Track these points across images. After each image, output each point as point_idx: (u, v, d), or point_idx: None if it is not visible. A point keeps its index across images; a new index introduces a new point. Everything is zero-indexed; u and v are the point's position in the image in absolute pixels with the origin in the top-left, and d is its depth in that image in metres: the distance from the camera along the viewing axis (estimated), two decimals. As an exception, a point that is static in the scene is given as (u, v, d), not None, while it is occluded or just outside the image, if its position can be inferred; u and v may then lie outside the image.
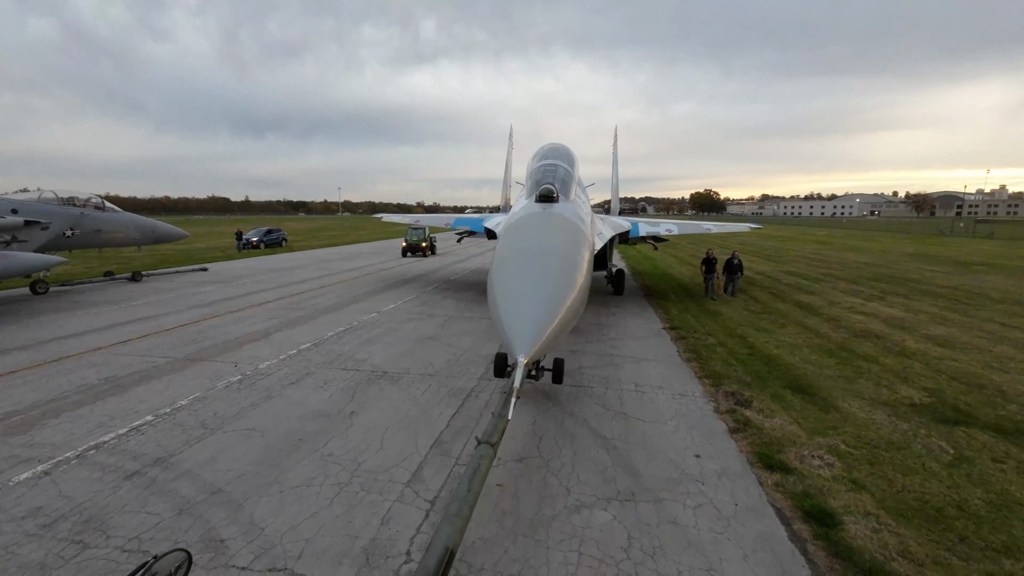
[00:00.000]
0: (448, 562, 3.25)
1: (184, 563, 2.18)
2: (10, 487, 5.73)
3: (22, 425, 7.36)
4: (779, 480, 5.96)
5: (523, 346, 5.00)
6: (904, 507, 5.46)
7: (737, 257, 18.70)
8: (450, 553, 3.30)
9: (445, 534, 3.44)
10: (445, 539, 3.37)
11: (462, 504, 3.77)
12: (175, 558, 2.15)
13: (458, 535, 3.50)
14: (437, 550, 3.28)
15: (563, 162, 10.29)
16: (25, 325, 13.72)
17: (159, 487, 5.75)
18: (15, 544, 4.77)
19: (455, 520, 3.58)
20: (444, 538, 3.38)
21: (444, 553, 3.25)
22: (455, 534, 3.47)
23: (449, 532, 3.45)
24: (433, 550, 3.29)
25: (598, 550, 4.73)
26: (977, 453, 6.69)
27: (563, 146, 11.30)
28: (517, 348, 5.00)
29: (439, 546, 3.32)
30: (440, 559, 3.20)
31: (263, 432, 7.17)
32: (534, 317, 5.29)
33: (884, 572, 4.44)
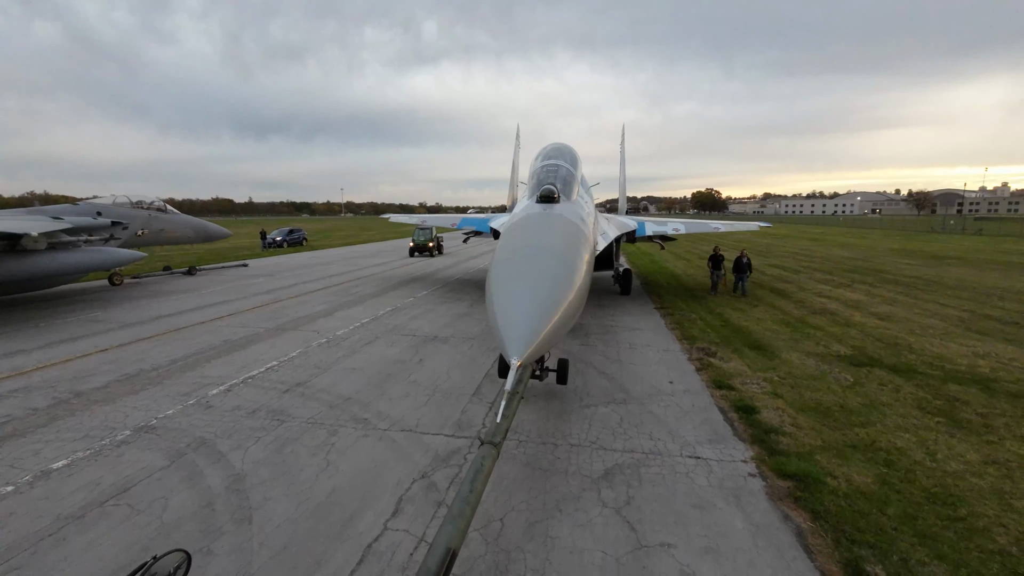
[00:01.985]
0: (450, 562, 3.19)
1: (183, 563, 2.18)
2: (210, 396, 8.61)
3: (187, 367, 10.26)
4: (724, 393, 8.77)
5: (517, 348, 4.95)
6: (804, 406, 8.27)
7: (746, 256, 18.80)
8: (452, 553, 3.24)
9: (447, 534, 3.35)
10: (447, 539, 3.30)
11: (464, 504, 3.66)
12: (175, 558, 2.16)
13: (460, 535, 3.41)
14: (439, 550, 3.22)
15: (565, 162, 10.12)
16: (130, 308, 16.66)
17: (308, 396, 8.63)
18: (235, 421, 7.63)
19: (457, 520, 3.49)
20: (446, 538, 3.31)
21: (446, 553, 3.21)
22: (457, 534, 3.38)
23: (451, 532, 3.37)
24: (435, 550, 3.23)
25: (601, 424, 7.56)
26: (869, 381, 9.48)
27: (566, 146, 11.08)
28: (511, 350, 4.95)
29: (440, 546, 3.25)
30: (442, 559, 3.16)
31: (362, 370, 10.05)
32: (529, 318, 5.22)
33: (778, 431, 7.25)
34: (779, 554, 4.74)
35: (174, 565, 2.14)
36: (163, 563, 2.10)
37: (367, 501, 5.56)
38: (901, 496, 5.66)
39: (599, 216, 14.08)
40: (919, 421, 7.68)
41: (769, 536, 5.00)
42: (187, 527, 5.08)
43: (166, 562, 2.12)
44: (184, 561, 2.19)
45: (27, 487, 5.80)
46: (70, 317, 15.09)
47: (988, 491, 5.77)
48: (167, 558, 2.14)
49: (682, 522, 5.21)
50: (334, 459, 6.48)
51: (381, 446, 6.86)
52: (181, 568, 2.16)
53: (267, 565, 4.55)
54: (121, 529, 5.04)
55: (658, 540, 4.93)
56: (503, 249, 6.96)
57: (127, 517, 5.24)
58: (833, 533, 5.00)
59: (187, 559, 2.20)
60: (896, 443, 6.95)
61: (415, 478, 6.03)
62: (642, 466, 6.34)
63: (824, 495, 5.63)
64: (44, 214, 18.66)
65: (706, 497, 5.67)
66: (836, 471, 6.16)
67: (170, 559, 2.14)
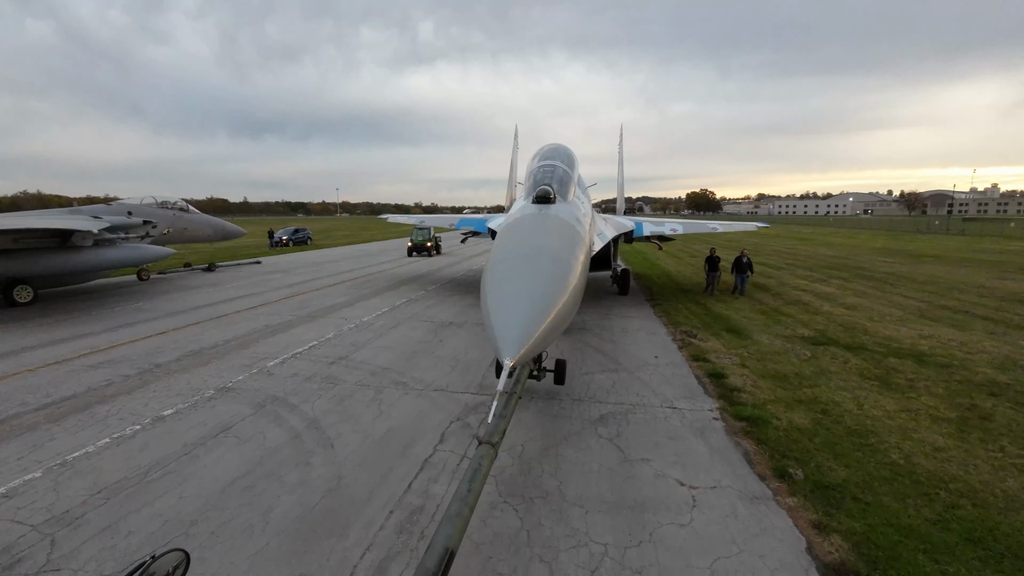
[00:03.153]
0: (448, 562, 3.22)
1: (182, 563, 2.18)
2: (269, 367, 10.25)
3: (241, 346, 11.88)
4: (700, 365, 10.48)
5: (510, 349, 4.94)
6: (765, 373, 9.98)
7: (746, 256, 18.96)
8: (450, 553, 3.26)
9: (445, 534, 3.38)
10: (445, 539, 3.33)
11: (462, 504, 3.69)
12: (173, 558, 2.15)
13: (458, 536, 3.44)
14: (437, 550, 3.25)
15: (562, 163, 10.15)
16: (167, 300, 18.23)
17: (351, 367, 10.28)
18: (296, 384, 9.27)
19: (455, 520, 3.52)
20: (444, 538, 3.34)
21: (444, 553, 3.23)
22: (455, 535, 3.41)
23: (449, 532, 3.40)
24: (433, 550, 3.25)
25: (597, 386, 9.24)
26: (823, 356, 11.19)
27: (563, 146, 11.12)
28: (504, 350, 4.95)
29: (439, 546, 3.28)
30: (440, 559, 3.18)
31: (392, 348, 11.70)
32: (523, 319, 5.21)
33: (740, 390, 8.94)
34: (728, 465, 6.44)
35: (173, 564, 2.12)
36: (162, 562, 2.09)
37: (418, 435, 7.23)
38: (827, 431, 7.36)
39: (596, 216, 14.32)
40: (857, 384, 9.41)
41: (723, 454, 6.70)
42: (285, 450, 6.73)
43: (165, 561, 2.10)
44: (183, 560, 2.18)
45: (150, 427, 7.44)
46: (115, 307, 16.65)
47: (895, 428, 7.49)
48: (166, 557, 2.12)
49: (659, 447, 6.90)
50: (385, 409, 8.14)
51: (420, 400, 8.52)
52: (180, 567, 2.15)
53: (354, 471, 6.21)
54: (236, 451, 6.69)
55: (640, 457, 6.62)
56: (498, 249, 6.96)
57: (237, 444, 6.89)
58: (770, 452, 6.70)
59: (186, 558, 2.20)
60: (834, 398, 8.66)
61: (452, 420, 7.70)
62: (630, 413, 8.03)
63: (768, 431, 7.33)
64: (83, 214, 20.21)
65: (678, 432, 7.36)
66: (781, 416, 7.87)
67: (169, 558, 2.13)
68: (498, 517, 5.31)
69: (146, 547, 4.78)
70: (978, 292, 19.79)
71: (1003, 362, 10.71)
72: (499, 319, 5.28)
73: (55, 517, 5.25)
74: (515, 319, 5.22)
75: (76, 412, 7.95)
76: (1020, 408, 8.23)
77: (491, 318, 5.39)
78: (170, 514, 5.31)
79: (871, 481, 6.00)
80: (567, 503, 5.58)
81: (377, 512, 5.39)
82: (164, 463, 6.37)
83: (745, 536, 5.03)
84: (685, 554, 4.77)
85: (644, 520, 5.28)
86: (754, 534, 5.06)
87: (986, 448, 6.86)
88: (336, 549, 4.80)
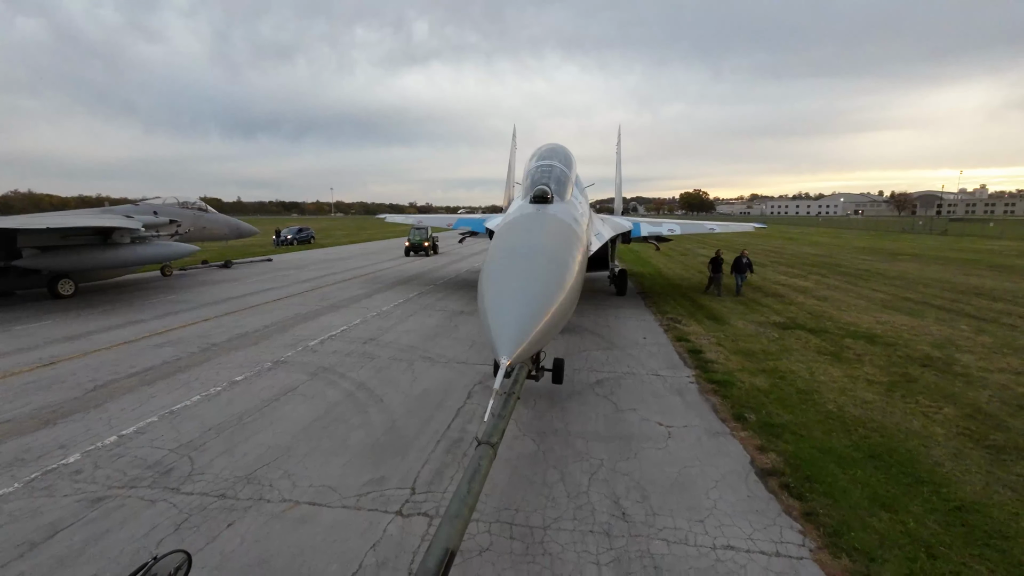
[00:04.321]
0: (448, 563, 3.22)
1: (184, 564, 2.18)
2: (311, 346, 11.87)
3: (280, 330, 13.49)
4: (682, 344, 12.19)
5: (506, 347, 4.94)
6: (736, 350, 11.70)
7: (746, 256, 19.31)
8: (450, 554, 3.27)
9: (445, 535, 3.39)
10: (445, 540, 3.34)
11: (462, 505, 3.72)
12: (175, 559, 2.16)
13: (458, 536, 3.46)
14: (437, 551, 3.25)
15: (560, 163, 10.22)
16: (197, 293, 19.77)
17: (382, 345, 11.92)
18: (339, 358, 10.89)
19: (455, 521, 3.54)
20: (444, 539, 3.36)
21: (444, 554, 3.24)
22: (455, 535, 3.43)
23: (449, 533, 3.42)
24: (433, 551, 3.25)
25: (594, 360, 10.93)
26: (789, 337, 12.94)
27: (561, 147, 11.20)
28: (500, 349, 4.95)
29: (439, 547, 3.28)
30: (440, 560, 3.19)
31: (414, 331, 13.35)
32: (519, 318, 5.21)
33: (713, 362, 10.66)
34: (698, 413, 8.14)
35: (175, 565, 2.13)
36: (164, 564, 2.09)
37: (448, 393, 8.90)
38: (780, 391, 9.08)
39: (594, 217, 14.51)
40: (813, 358, 11.15)
41: (694, 406, 8.40)
42: (345, 404, 8.38)
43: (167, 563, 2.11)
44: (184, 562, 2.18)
45: (229, 388, 9.07)
46: (152, 299, 18.19)
47: (836, 388, 9.22)
48: (168, 559, 2.13)
49: (644, 401, 8.60)
50: (418, 376, 9.80)
51: (446, 370, 10.19)
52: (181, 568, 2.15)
53: (403, 417, 7.87)
54: (305, 404, 8.33)
55: (629, 407, 8.32)
56: (495, 249, 6.94)
57: (304, 400, 8.53)
58: (732, 404, 8.41)
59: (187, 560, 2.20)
60: (791, 368, 10.40)
61: (475, 383, 9.37)
62: (621, 379, 9.73)
63: (732, 390, 9.04)
64: (115, 213, 21.70)
65: (660, 392, 9.06)
66: (745, 380, 9.59)
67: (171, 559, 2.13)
68: (520, 444, 6.99)
69: (260, 463, 6.43)
70: (941, 286, 21.65)
71: (942, 342, 12.49)
72: (496, 318, 5.25)
73: (183, 445, 6.88)
74: (512, 318, 5.19)
75: (163, 378, 9.56)
76: (942, 375, 10.00)
77: (488, 317, 5.35)
78: (270, 443, 6.96)
79: (807, 422, 7.72)
80: (572, 436, 7.27)
81: (427, 442, 7.05)
82: (251, 412, 8.00)
83: (706, 455, 6.74)
84: (660, 464, 6.46)
85: (631, 445, 6.97)
86: (712, 454, 6.77)
87: (904, 402, 8.61)
88: (401, 463, 6.46)
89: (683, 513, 5.45)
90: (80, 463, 6.38)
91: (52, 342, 12.12)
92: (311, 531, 5.10)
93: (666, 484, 6.02)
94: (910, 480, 6.09)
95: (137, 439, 7.07)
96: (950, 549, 4.86)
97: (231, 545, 4.86)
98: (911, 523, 5.24)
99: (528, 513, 5.43)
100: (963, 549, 4.86)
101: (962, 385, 9.42)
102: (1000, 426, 7.62)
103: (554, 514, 5.42)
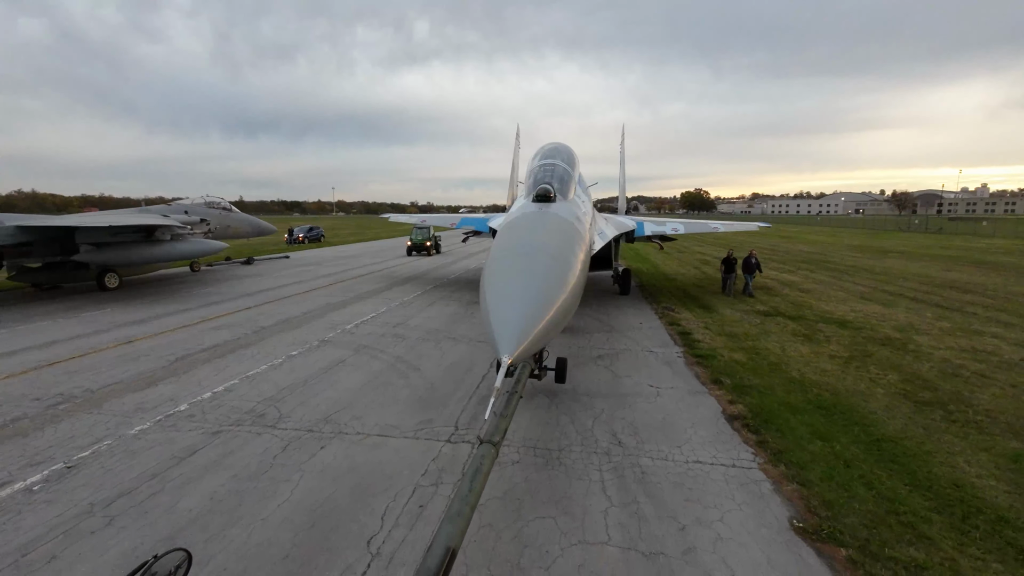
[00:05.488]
0: (449, 562, 3.19)
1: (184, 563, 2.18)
2: (347, 329, 13.54)
3: (316, 316, 15.17)
4: (673, 327, 13.83)
5: (507, 346, 4.94)
6: (721, 332, 13.34)
7: (755, 256, 19.55)
8: (451, 553, 3.24)
9: (446, 534, 3.36)
10: (446, 539, 3.31)
11: (463, 504, 3.68)
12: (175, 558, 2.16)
13: (459, 535, 3.42)
14: (438, 550, 3.22)
15: (563, 162, 10.25)
16: (229, 286, 21.47)
17: (410, 328, 13.59)
18: (374, 338, 12.56)
19: (456, 520, 3.51)
20: (445, 538, 3.32)
21: (445, 553, 3.21)
22: (456, 534, 3.39)
23: (450, 532, 3.39)
24: (434, 550, 3.23)
25: (596, 340, 12.57)
26: (769, 323, 14.57)
27: (564, 145, 11.24)
28: (501, 348, 4.96)
29: (440, 546, 3.25)
30: (441, 559, 3.16)
31: (436, 317, 15.02)
32: (520, 317, 5.20)
33: (700, 342, 12.30)
34: (683, 379, 9.79)
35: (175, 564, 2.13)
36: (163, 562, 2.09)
37: (474, 364, 10.56)
38: (754, 363, 10.72)
39: (597, 216, 14.76)
40: (788, 339, 12.78)
41: (680, 374, 10.05)
42: (388, 372, 10.04)
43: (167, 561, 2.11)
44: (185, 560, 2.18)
45: (288, 360, 10.74)
46: (191, 292, 19.88)
47: (802, 361, 10.86)
48: (168, 557, 2.13)
49: (639, 370, 10.26)
50: (445, 351, 11.46)
51: (470, 347, 11.86)
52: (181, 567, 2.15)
53: (439, 380, 9.55)
54: (356, 372, 10.01)
55: (625, 375, 9.97)
56: (497, 248, 6.97)
57: (354, 369, 10.21)
58: (711, 372, 10.05)
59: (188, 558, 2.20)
60: (767, 346, 12.04)
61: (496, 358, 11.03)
62: (619, 354, 11.38)
63: (714, 362, 10.68)
64: (151, 212, 23.43)
65: (652, 364, 10.71)
66: (725, 354, 11.23)
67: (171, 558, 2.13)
68: (535, 401, 8.64)
69: (332, 410, 8.09)
70: (920, 280, 23.25)
71: (904, 326, 14.12)
72: (497, 317, 5.27)
73: (266, 399, 8.56)
74: (513, 317, 5.19)
75: (230, 353, 11.25)
76: (895, 352, 11.63)
77: (489, 316, 5.37)
78: (335, 398, 8.64)
79: (772, 385, 9.36)
80: (578, 394, 8.93)
81: (462, 398, 8.72)
82: (312, 377, 9.68)
83: (686, 406, 8.40)
84: (650, 412, 8.13)
85: (626, 400, 8.64)
86: (692, 406, 8.43)
87: (857, 371, 10.25)
88: (443, 412, 8.13)
89: (665, 442, 7.11)
90: (190, 410, 8.07)
91: (121, 326, 13.83)
92: (384, 451, 6.78)
93: (653, 425, 7.68)
94: (846, 422, 7.74)
95: (228, 395, 8.75)
96: (862, 463, 6.50)
97: (326, 460, 6.54)
98: (838, 447, 6.89)
99: (547, 441, 7.10)
100: (873, 463, 6.51)
101: (910, 359, 11.06)
102: (930, 387, 9.27)
103: (567, 443, 7.09)
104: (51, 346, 11.81)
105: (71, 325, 14.00)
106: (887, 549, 4.86)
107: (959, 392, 9.02)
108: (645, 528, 5.22)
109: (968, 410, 8.21)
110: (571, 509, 5.54)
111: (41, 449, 6.80)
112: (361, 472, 6.25)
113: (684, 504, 5.64)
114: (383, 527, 5.19)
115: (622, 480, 6.13)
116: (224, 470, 6.27)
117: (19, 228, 16.90)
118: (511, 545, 4.96)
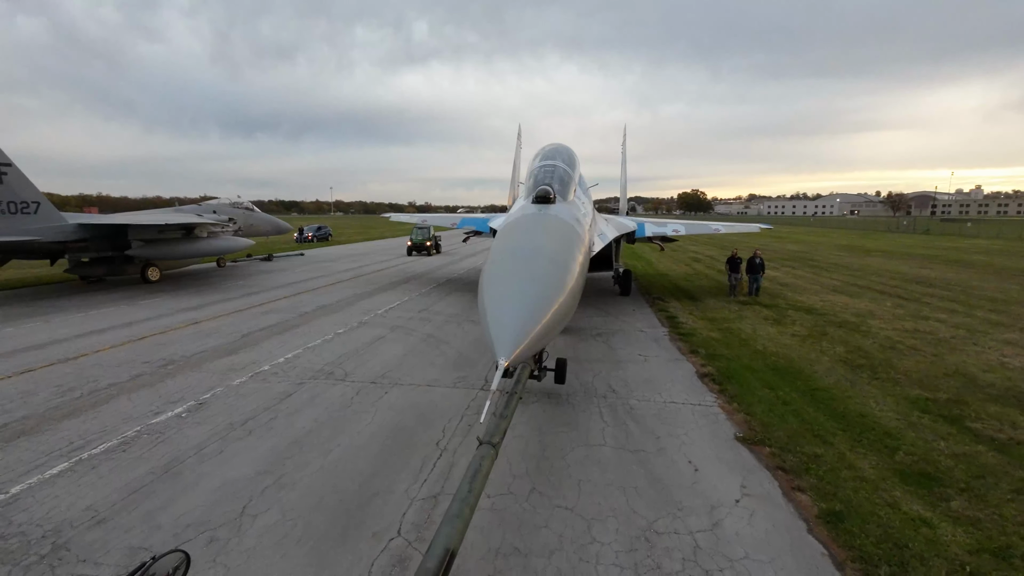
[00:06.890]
0: (448, 563, 3.24)
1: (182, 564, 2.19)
2: (380, 313, 15.60)
3: (349, 304, 17.23)
4: (662, 313, 15.94)
5: (505, 348, 4.85)
6: (703, 317, 15.44)
7: (759, 256, 19.64)
8: (450, 554, 3.29)
9: (445, 535, 3.41)
10: (445, 540, 3.36)
11: (463, 505, 3.72)
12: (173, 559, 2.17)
13: (459, 536, 3.47)
14: (437, 551, 3.27)
15: (563, 163, 10.25)
16: (257, 280, 23.50)
17: (434, 314, 15.66)
18: (405, 320, 14.62)
19: (455, 521, 3.55)
20: (444, 539, 3.37)
21: (444, 554, 3.26)
22: (456, 535, 3.44)
23: (449, 533, 3.43)
24: (433, 551, 3.28)
25: (595, 322, 14.66)
26: (746, 310, 16.67)
27: (564, 146, 11.28)
28: (499, 350, 4.88)
29: (439, 547, 3.30)
30: (440, 560, 3.21)
31: (454, 305, 17.11)
32: (518, 319, 5.14)
33: (684, 324, 14.40)
34: (666, 350, 11.89)
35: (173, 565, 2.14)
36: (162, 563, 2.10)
37: (493, 340, 12.63)
38: (727, 340, 12.81)
39: (597, 217, 14.84)
40: (760, 322, 14.88)
41: (665, 348, 12.15)
42: (423, 345, 12.10)
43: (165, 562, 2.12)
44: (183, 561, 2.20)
45: (336, 337, 12.80)
46: (227, 284, 21.91)
47: (767, 338, 12.95)
48: (166, 558, 2.14)
49: (631, 345, 12.34)
50: (468, 331, 13.53)
51: (487, 328, 13.92)
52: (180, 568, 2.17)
53: (466, 351, 11.62)
54: (395, 345, 12.07)
55: (619, 347, 12.07)
56: (496, 249, 6.96)
57: (393, 342, 12.27)
58: (690, 345, 12.15)
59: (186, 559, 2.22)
60: (741, 327, 14.14)
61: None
62: (614, 333, 13.48)
63: (693, 339, 12.78)
64: (185, 211, 25.46)
65: (642, 341, 12.80)
66: (704, 333, 13.33)
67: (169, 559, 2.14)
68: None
69: (385, 370, 10.15)
70: (892, 276, 25.41)
71: (863, 313, 16.25)
72: (495, 319, 5.25)
73: (329, 363, 10.62)
74: (511, 319, 5.17)
75: (286, 331, 13.31)
76: (848, 332, 13.74)
77: (487, 317, 5.35)
78: (385, 362, 10.71)
79: (739, 355, 11.46)
80: (580, 360, 11.01)
81: (487, 364, 10.78)
82: (362, 348, 11.75)
83: (668, 369, 10.50)
84: (638, 372, 10.22)
85: (620, 364, 10.74)
86: (672, 369, 10.52)
87: (811, 345, 12.36)
88: (474, 371, 10.20)
89: (649, 391, 9.21)
90: (273, 370, 10.14)
91: (180, 311, 15.87)
92: (433, 395, 8.87)
93: (641, 380, 9.78)
94: (791, 379, 9.85)
95: (297, 360, 10.82)
96: (797, 403, 8.60)
97: (392, 400, 8.61)
98: (781, 394, 8.99)
99: (557, 391, 9.18)
100: (804, 403, 8.61)
101: (859, 337, 13.17)
102: (867, 356, 11.39)
103: (572, 391, 9.18)
104: (131, 326, 13.85)
105: (135, 311, 16.03)
106: (798, 448, 6.96)
107: (889, 360, 11.14)
108: (631, 438, 7.32)
109: (891, 371, 10.34)
110: (577, 427, 7.65)
111: (171, 393, 8.86)
112: (420, 407, 8.33)
113: (660, 425, 7.74)
114: (444, 435, 7.30)
115: (615, 413, 8.23)
116: (316, 406, 8.33)
117: (80, 225, 18.91)
118: (537, 446, 7.06)
